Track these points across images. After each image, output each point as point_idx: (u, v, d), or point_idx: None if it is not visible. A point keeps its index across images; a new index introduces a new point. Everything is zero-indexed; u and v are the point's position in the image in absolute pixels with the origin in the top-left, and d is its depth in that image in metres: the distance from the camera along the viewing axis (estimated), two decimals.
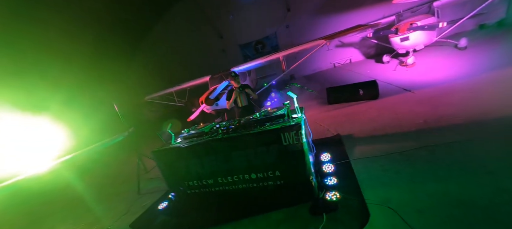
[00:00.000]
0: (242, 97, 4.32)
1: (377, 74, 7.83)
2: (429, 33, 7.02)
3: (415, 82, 6.01)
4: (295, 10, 11.31)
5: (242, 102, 4.33)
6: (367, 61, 11.06)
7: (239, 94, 4.29)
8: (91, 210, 4.26)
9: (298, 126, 2.54)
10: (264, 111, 3.01)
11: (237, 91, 4.28)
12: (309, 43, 6.15)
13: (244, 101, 4.33)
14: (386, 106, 5.04)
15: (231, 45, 12.74)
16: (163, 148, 3.27)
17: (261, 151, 2.75)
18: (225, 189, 3.08)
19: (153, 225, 3.14)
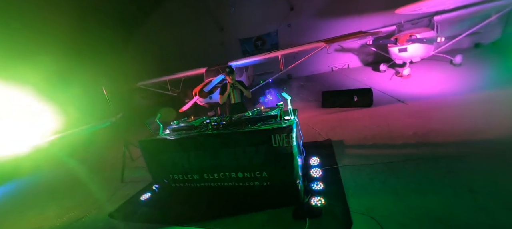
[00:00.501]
0: (235, 94, 4.20)
1: (373, 82, 7.90)
2: (427, 46, 7.10)
3: (408, 94, 6.09)
4: (298, 10, 11.22)
5: (235, 98, 4.21)
6: (364, 68, 11.13)
7: (232, 90, 4.17)
8: (72, 194, 4.15)
9: (290, 129, 2.50)
10: (257, 110, 2.96)
11: (231, 86, 4.17)
12: (309, 45, 6.11)
13: (237, 98, 4.22)
14: (378, 114, 5.08)
15: (231, 38, 12.56)
16: (150, 138, 3.19)
17: (250, 150, 2.71)
18: (210, 186, 3.04)
19: (133, 216, 3.07)
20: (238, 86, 4.18)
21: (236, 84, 4.18)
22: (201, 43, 12.80)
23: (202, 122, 3.17)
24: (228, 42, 12.64)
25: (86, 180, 4.54)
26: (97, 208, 3.49)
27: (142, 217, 3.00)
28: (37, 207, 3.96)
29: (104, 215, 3.22)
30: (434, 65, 8.31)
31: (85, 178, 4.68)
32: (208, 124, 2.96)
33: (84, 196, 4.00)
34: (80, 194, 4.09)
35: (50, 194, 4.37)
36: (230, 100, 4.25)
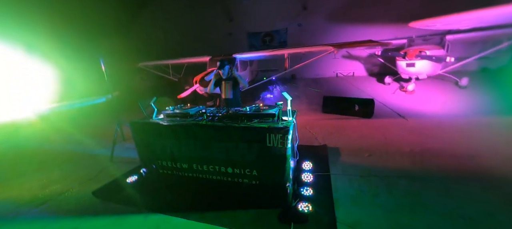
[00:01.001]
0: (227, 87, 3.76)
1: (376, 93, 7.80)
2: (435, 64, 6.99)
3: (410, 109, 6.00)
4: (311, 10, 11.02)
5: (227, 93, 3.76)
6: (369, 78, 11.01)
7: (225, 85, 3.77)
8: (59, 167, 4.07)
9: (286, 130, 2.42)
10: (255, 106, 2.87)
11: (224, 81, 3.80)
12: (317, 47, 5.99)
13: (228, 93, 3.76)
14: (377, 127, 5.00)
15: (239, 30, 12.37)
16: (142, 120, 3.10)
17: (242, 146, 2.64)
18: (198, 177, 2.97)
19: (117, 197, 3.00)
20: (231, 81, 3.78)
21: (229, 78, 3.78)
22: (208, 31, 12.62)
23: (197, 112, 3.08)
24: (236, 33, 12.47)
25: (75, 155, 4.47)
26: (82, 184, 3.42)
27: (125, 199, 2.93)
28: (23, 176, 3.88)
29: (87, 192, 3.16)
30: (439, 84, 8.21)
31: (74, 152, 4.60)
32: (203, 114, 2.87)
33: (71, 170, 3.93)
34: (67, 168, 4.02)
35: (39, 164, 4.29)
36: (221, 95, 3.88)
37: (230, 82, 3.77)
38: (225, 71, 3.73)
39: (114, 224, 2.55)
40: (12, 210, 2.95)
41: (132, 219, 2.59)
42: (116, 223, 2.56)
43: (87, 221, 2.63)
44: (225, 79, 3.79)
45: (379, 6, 10.05)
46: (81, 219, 2.67)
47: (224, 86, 3.79)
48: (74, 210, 2.84)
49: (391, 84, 8.82)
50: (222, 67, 3.70)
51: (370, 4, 10.04)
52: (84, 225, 2.58)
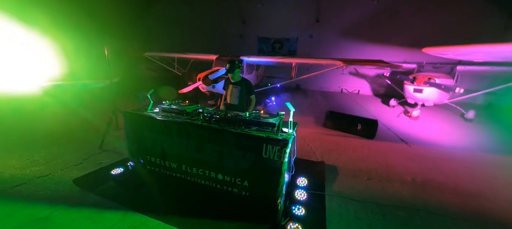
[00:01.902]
0: (234, 93, 3.43)
1: (380, 114, 7.59)
2: (443, 93, 6.79)
3: (413, 136, 5.78)
4: (323, 24, 10.93)
5: (232, 98, 3.43)
6: (374, 98, 10.83)
7: (233, 89, 3.44)
8: (46, 147, 3.88)
9: (285, 143, 2.23)
10: (255, 113, 2.68)
11: (232, 85, 3.45)
12: (326, 60, 5.82)
13: (234, 98, 3.42)
14: (379, 149, 4.78)
15: (250, 33, 12.30)
16: (136, 111, 2.92)
17: (236, 153, 2.44)
18: (186, 179, 2.77)
19: (97, 188, 2.81)
20: (242, 87, 3.41)
21: (240, 84, 3.43)
22: (219, 29, 12.55)
23: (195, 110, 2.90)
24: (247, 36, 12.39)
25: (65, 137, 4.28)
26: (65, 169, 3.23)
27: (106, 192, 2.74)
28: (9, 151, 3.70)
29: (69, 178, 2.97)
30: (444, 114, 8.00)
31: (65, 134, 4.42)
32: (200, 113, 2.68)
33: (57, 153, 3.74)
34: (54, 150, 3.83)
35: (25, 142, 4.09)
36: (226, 98, 3.54)
37: (238, 88, 3.41)
38: (234, 76, 3.39)
39: (89, 218, 2.35)
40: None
41: (110, 216, 2.39)
42: (92, 218, 2.35)
43: (61, 211, 2.43)
44: (234, 83, 3.45)
45: (391, 28, 9.93)
46: (55, 208, 2.47)
47: (230, 90, 3.43)
48: (50, 197, 2.65)
49: (396, 107, 8.63)
50: (232, 71, 3.32)
51: (383, 25, 9.93)
52: (57, 215, 2.37)
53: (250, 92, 3.48)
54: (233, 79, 3.44)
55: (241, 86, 3.43)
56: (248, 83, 3.50)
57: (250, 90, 3.47)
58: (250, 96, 3.50)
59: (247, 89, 3.45)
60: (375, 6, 9.33)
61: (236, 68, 3.34)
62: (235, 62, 3.37)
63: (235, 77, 3.42)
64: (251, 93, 3.49)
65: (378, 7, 9.37)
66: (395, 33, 9.81)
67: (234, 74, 3.38)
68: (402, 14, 9.59)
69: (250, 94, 3.47)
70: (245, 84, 3.46)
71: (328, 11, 10.67)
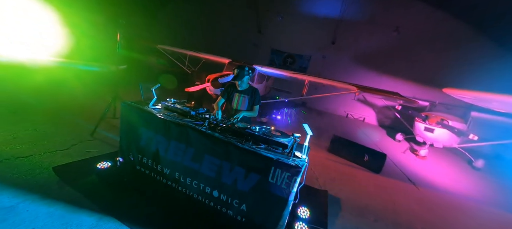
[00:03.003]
0: (241, 100, 3.05)
1: (385, 147, 7.21)
2: (454, 137, 6.44)
3: (421, 177, 5.39)
4: (339, 47, 10.78)
5: (239, 105, 3.06)
6: (379, 128, 10.48)
7: (239, 98, 3.07)
8: (36, 125, 3.55)
9: (297, 171, 1.89)
10: (266, 129, 2.36)
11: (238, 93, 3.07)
12: (341, 83, 5.53)
13: (240, 104, 3.05)
14: (386, 186, 4.40)
15: (264, 44, 12.17)
16: (135, 103, 2.61)
17: (238, 172, 2.10)
18: (177, 189, 2.41)
19: (78, 181, 2.46)
20: (248, 95, 3.05)
21: (246, 91, 3.06)
22: (235, 35, 12.44)
23: (200, 114, 2.57)
24: (261, 46, 12.25)
25: (58, 117, 3.96)
26: (48, 153, 2.89)
27: (85, 187, 2.38)
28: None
29: (49, 164, 2.62)
30: (452, 158, 7.62)
31: (58, 114, 4.09)
32: (206, 119, 2.36)
33: (45, 133, 3.40)
34: (43, 129, 3.49)
35: (15, 116, 3.76)
36: (232, 104, 3.15)
37: (246, 97, 3.05)
38: (243, 83, 3.02)
39: (58, 217, 1.99)
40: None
41: (82, 218, 2.03)
42: (62, 217, 1.99)
43: (30, 202, 2.08)
44: (240, 92, 3.07)
45: (406, 61, 9.71)
46: (25, 198, 2.12)
47: (237, 98, 3.07)
48: (24, 183, 2.30)
49: (402, 142, 8.26)
50: (240, 78, 2.96)
51: (398, 57, 9.72)
52: (24, 207, 2.02)
53: (255, 101, 3.09)
54: (241, 87, 3.07)
55: (248, 95, 3.07)
56: (256, 92, 3.13)
57: (256, 99, 3.09)
58: (254, 106, 3.10)
59: (253, 98, 3.08)
60: (394, 37, 9.14)
61: (245, 75, 3.00)
62: (245, 68, 3.02)
63: (244, 85, 3.07)
64: (257, 103, 3.11)
65: (395, 39, 9.19)
66: (409, 67, 9.59)
67: (243, 81, 3.03)
68: (417, 50, 9.40)
69: (254, 104, 3.09)
70: (252, 93, 3.09)
71: (345, 35, 10.53)
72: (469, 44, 8.64)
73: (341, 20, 10.17)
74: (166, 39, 8.52)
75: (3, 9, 4.56)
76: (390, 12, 9.27)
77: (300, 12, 11.05)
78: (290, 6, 11.10)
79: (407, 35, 9.32)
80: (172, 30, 11.40)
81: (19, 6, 4.84)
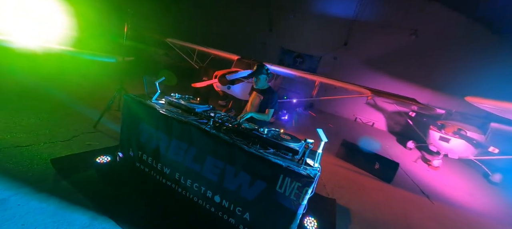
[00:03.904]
0: (255, 101, 2.92)
1: (395, 155, 6.84)
2: (470, 147, 6.03)
3: (435, 189, 5.04)
4: (351, 48, 10.37)
5: (252, 106, 2.94)
6: (388, 134, 10.06)
7: (255, 96, 2.92)
8: (39, 114, 3.45)
9: (309, 181, 1.67)
10: (274, 131, 2.15)
11: (256, 92, 2.92)
12: (354, 86, 5.24)
13: (255, 106, 2.89)
14: (397, 198, 4.11)
15: (274, 43, 11.89)
16: (138, 97, 2.45)
17: (243, 177, 1.90)
18: (176, 190, 2.24)
19: (75, 175, 2.33)
20: (263, 95, 2.84)
21: (263, 92, 2.85)
22: (245, 33, 12.22)
23: (205, 112, 2.39)
24: (270, 45, 11.98)
25: (63, 107, 3.86)
26: (48, 143, 2.78)
27: (82, 183, 2.25)
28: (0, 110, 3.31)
29: (48, 155, 2.51)
30: (466, 170, 7.17)
31: (63, 103, 3.99)
32: (211, 118, 2.16)
33: (48, 122, 3.29)
34: (44, 118, 3.38)
35: (20, 103, 3.68)
36: (245, 107, 3.05)
37: (261, 97, 2.83)
38: (259, 81, 2.84)
39: (50, 215, 1.85)
40: None
41: (75, 217, 1.88)
42: (53, 215, 1.86)
43: (23, 196, 1.95)
44: (257, 90, 2.91)
45: (422, 66, 9.23)
46: (18, 190, 1.99)
47: (253, 97, 2.92)
48: (20, 174, 2.18)
49: (413, 151, 7.86)
50: (257, 75, 2.80)
51: (414, 62, 9.24)
52: (16, 200, 1.89)
53: (269, 104, 2.82)
54: (257, 85, 2.89)
55: (263, 95, 2.86)
56: (273, 94, 2.85)
57: (271, 102, 2.82)
58: (268, 109, 2.84)
59: (267, 100, 2.82)
60: (411, 41, 8.68)
61: (263, 73, 2.81)
62: (264, 66, 2.84)
63: (260, 84, 2.86)
64: (271, 106, 2.83)
65: (413, 43, 8.72)
66: (425, 72, 9.11)
67: (259, 79, 2.83)
68: (436, 55, 8.89)
69: (268, 107, 2.83)
70: (268, 94, 2.83)
71: (358, 37, 10.12)
72: (492, 51, 8.10)
73: (355, 21, 9.77)
74: (175, 33, 8.40)
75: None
76: (409, 14, 8.80)
77: (312, 11, 10.70)
78: (303, 5, 10.76)
79: (425, 39, 8.83)
80: (183, 25, 11.29)
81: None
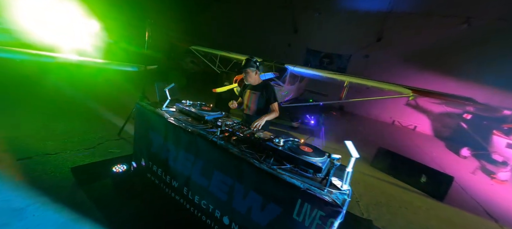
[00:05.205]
0: (251, 100, 2.53)
1: (446, 165, 5.72)
2: None
3: (503, 209, 3.98)
4: (386, 44, 9.26)
5: (249, 105, 2.55)
6: (434, 140, 8.62)
7: (250, 95, 2.55)
8: (71, 122, 3.65)
9: (335, 211, 1.27)
10: (293, 142, 1.79)
11: (249, 90, 2.55)
12: (390, 85, 4.51)
13: (251, 108, 2.53)
14: (454, 222, 3.29)
15: (299, 44, 11.37)
16: (148, 105, 2.33)
17: (254, 198, 1.58)
18: (184, 206, 2.02)
19: (91, 185, 2.31)
20: (259, 91, 2.47)
21: (257, 88, 2.50)
22: (269, 35, 11.98)
23: (215, 119, 2.15)
24: (295, 46, 11.49)
25: (92, 115, 4.07)
26: (75, 150, 2.88)
27: (96, 193, 2.21)
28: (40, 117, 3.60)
29: (72, 163, 2.57)
30: None
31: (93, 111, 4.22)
32: (218, 127, 1.90)
33: (77, 130, 3.43)
34: (76, 126, 3.56)
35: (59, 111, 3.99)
36: (243, 107, 2.65)
37: (257, 93, 2.50)
38: (251, 76, 2.45)
39: (60, 227, 1.79)
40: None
41: None
42: (63, 227, 1.79)
43: (40, 206, 1.96)
44: (250, 88, 2.56)
45: (475, 62, 7.67)
46: (37, 200, 2.01)
47: (247, 96, 2.56)
48: (43, 182, 2.23)
49: (469, 159, 6.52)
50: (246, 67, 2.40)
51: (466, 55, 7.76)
52: (33, 210, 1.90)
53: (270, 99, 2.45)
54: (247, 80, 2.51)
55: (259, 91, 2.49)
56: (268, 86, 2.51)
57: (271, 96, 2.45)
58: (271, 105, 2.46)
59: (266, 95, 2.45)
60: (462, 31, 7.30)
61: (251, 66, 2.40)
62: (252, 59, 2.44)
63: (251, 79, 2.48)
64: (272, 100, 2.45)
65: (463, 33, 7.33)
66: (481, 67, 7.55)
67: (249, 74, 2.43)
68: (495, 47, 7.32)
69: (270, 102, 2.45)
70: (265, 89, 2.47)
71: (394, 31, 8.98)
72: None
73: (389, 13, 8.71)
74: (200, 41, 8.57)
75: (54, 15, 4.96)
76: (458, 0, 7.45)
77: (340, 7, 9.92)
78: (329, 1, 10.07)
79: (481, 28, 7.35)
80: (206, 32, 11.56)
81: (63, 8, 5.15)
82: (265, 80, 2.64)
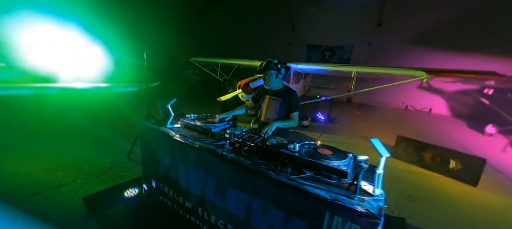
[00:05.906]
0: (271, 107, 2.29)
1: (474, 147, 5.29)
2: None
3: None
4: (387, 28, 8.94)
5: (269, 113, 2.31)
6: (453, 120, 8.14)
7: (269, 101, 2.31)
8: (81, 148, 3.60)
9: (372, 223, 1.08)
10: (310, 146, 1.61)
11: (269, 96, 2.31)
12: (403, 69, 4.24)
13: (272, 113, 2.27)
14: (497, 208, 2.96)
15: (299, 41, 11.19)
16: (151, 125, 2.22)
17: (275, 214, 1.40)
18: (201, 227, 1.87)
19: (103, 214, 2.19)
20: (281, 97, 2.24)
21: (278, 93, 2.27)
22: (267, 36, 11.86)
23: (222, 131, 2.00)
24: (295, 44, 11.31)
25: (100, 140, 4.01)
26: (85, 179, 2.80)
27: (107, 222, 2.09)
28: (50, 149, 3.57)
29: (83, 193, 2.49)
30: None
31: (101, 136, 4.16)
32: (227, 139, 1.75)
33: (87, 156, 3.35)
34: (85, 152, 3.48)
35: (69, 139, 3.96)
36: (260, 114, 2.44)
37: (278, 99, 2.25)
38: (271, 78, 2.21)
39: None
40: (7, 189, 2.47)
41: None
42: None
43: None
44: (270, 93, 2.32)
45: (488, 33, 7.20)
46: None
47: (267, 101, 2.32)
48: (54, 218, 2.13)
49: (495, 137, 6.07)
50: (267, 69, 2.17)
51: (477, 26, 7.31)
52: None
53: (292, 106, 2.22)
54: (269, 86, 2.28)
55: (281, 97, 2.25)
56: (293, 93, 2.26)
57: (293, 103, 2.22)
58: (291, 114, 2.24)
59: (288, 102, 2.22)
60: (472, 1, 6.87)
61: (272, 68, 2.17)
62: (272, 61, 2.18)
63: (273, 84, 2.25)
64: (294, 108, 2.23)
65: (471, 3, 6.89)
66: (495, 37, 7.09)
67: (270, 79, 2.21)
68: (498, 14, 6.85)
69: (291, 110, 2.23)
70: (287, 95, 2.23)
71: (394, 14, 8.65)
72: None
73: None
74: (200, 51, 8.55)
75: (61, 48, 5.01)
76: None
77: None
78: None
79: None
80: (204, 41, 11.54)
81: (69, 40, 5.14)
82: (287, 85, 2.40)
